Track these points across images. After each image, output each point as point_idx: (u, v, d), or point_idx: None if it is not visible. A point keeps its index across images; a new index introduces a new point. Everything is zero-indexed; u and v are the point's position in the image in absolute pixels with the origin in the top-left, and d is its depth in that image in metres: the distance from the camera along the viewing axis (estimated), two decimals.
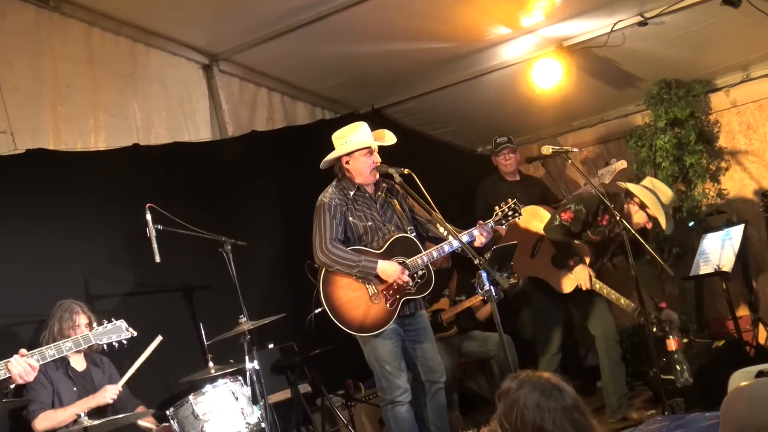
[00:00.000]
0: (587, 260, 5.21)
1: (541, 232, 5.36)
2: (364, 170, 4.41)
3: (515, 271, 5.34)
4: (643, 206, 5.14)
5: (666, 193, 5.16)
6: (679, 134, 6.78)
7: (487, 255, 4.23)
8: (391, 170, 4.30)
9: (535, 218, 5.49)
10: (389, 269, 4.26)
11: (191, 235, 4.62)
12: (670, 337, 4.78)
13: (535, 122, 7.56)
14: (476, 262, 3.74)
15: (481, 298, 5.84)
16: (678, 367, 4.72)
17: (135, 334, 3.82)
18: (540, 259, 5.46)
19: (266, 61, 6.04)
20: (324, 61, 6.08)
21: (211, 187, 5.57)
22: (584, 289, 5.14)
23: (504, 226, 4.57)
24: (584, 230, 5.26)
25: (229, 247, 4.79)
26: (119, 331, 3.74)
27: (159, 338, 4.43)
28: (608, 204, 4.88)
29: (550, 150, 5.02)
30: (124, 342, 3.79)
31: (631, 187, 5.17)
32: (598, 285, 5.15)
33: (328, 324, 4.31)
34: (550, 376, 2.16)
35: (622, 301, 5.10)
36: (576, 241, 5.26)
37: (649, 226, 5.28)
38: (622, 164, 6.31)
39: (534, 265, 5.47)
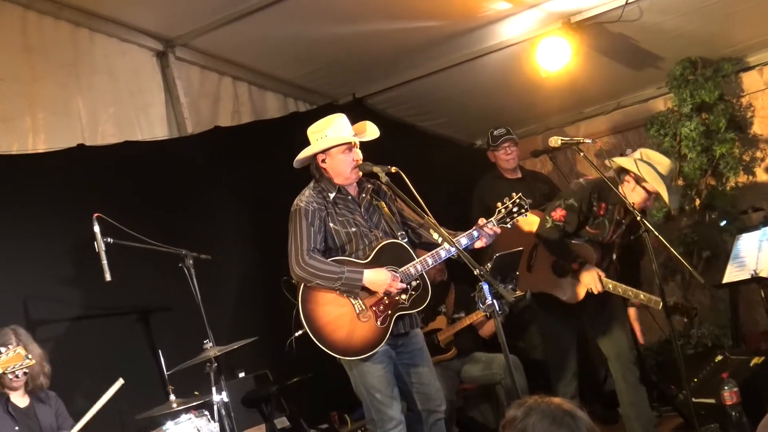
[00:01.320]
0: (593, 260, 5.27)
1: (534, 241, 5.43)
2: (343, 169, 4.45)
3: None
4: (639, 180, 5.18)
5: (662, 162, 5.20)
6: (707, 120, 6.86)
7: (489, 264, 4.27)
8: (376, 169, 4.34)
9: (526, 225, 5.53)
10: (378, 278, 4.29)
11: (147, 248, 4.65)
12: (726, 388, 4.79)
13: (540, 110, 7.66)
14: (476, 272, 3.78)
15: (483, 314, 5.90)
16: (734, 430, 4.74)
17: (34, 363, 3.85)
18: (539, 270, 5.52)
19: (230, 46, 6.08)
20: (297, 44, 6.13)
21: (169, 193, 5.59)
22: (596, 292, 5.20)
23: (509, 225, 4.62)
24: (581, 227, 5.33)
25: (191, 262, 4.82)
26: (18, 359, 3.77)
27: (120, 382, 4.42)
28: (612, 186, 4.96)
29: (559, 142, 5.08)
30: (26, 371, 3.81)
31: (621, 161, 5.22)
32: (611, 285, 5.20)
33: (308, 347, 4.34)
34: (562, 401, 2.15)
35: (642, 296, 5.12)
36: (575, 241, 5.33)
37: (650, 203, 5.33)
38: None
39: (534, 279, 5.52)
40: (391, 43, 6.27)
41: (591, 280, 5.19)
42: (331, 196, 4.47)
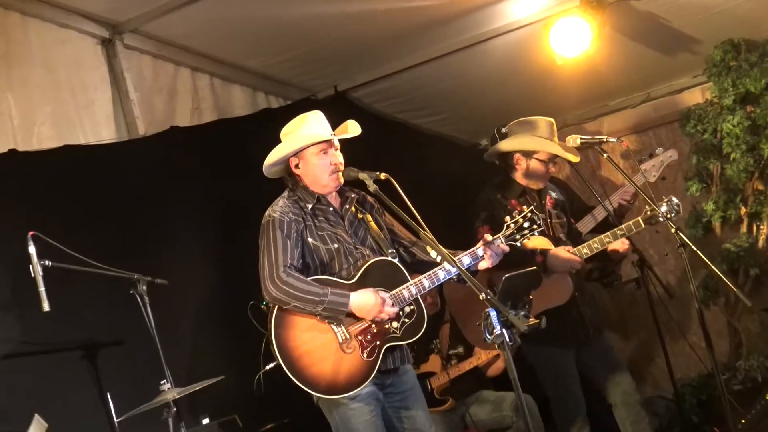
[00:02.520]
0: (549, 244, 5.48)
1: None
2: (319, 174, 4.52)
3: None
4: (528, 155, 5.61)
5: (532, 121, 5.64)
6: (752, 114, 6.89)
7: (497, 288, 4.29)
8: (362, 175, 4.40)
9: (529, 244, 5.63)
10: (366, 302, 4.32)
11: (92, 272, 4.65)
12: None
13: (555, 104, 7.69)
14: (482, 297, 3.80)
15: (490, 354, 5.94)
16: None
17: None
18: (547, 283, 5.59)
19: (188, 31, 6.09)
20: (268, 28, 6.16)
21: (119, 206, 5.59)
22: (579, 266, 5.41)
23: (519, 244, 4.67)
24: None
25: (145, 288, 4.83)
26: None
27: (39, 424, 4.42)
28: (644, 194, 5.14)
29: (578, 141, 5.14)
30: None
31: (501, 146, 5.65)
32: (585, 248, 5.43)
33: (283, 385, 4.33)
34: None
35: (622, 228, 5.34)
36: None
37: (553, 169, 5.69)
38: (672, 155, 6.40)
39: (546, 287, 5.57)
40: (380, 26, 6.31)
41: (565, 260, 5.32)
42: (309, 206, 4.53)
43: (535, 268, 4.44)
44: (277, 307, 4.32)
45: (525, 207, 4.68)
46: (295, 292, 4.25)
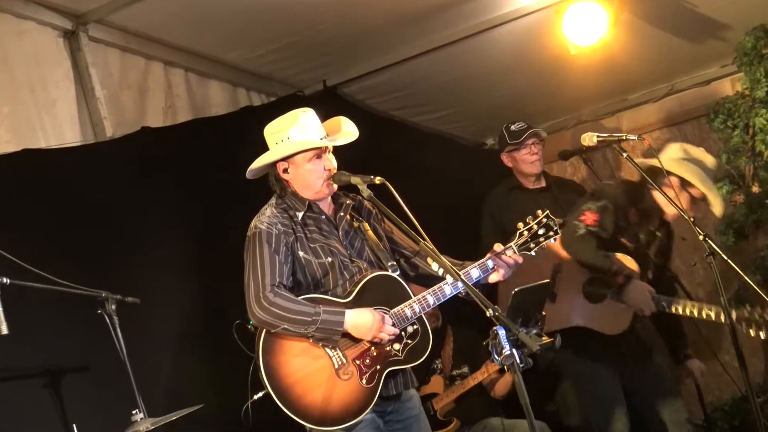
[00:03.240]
0: (637, 274, 5.44)
1: (553, 261, 5.52)
2: (312, 181, 4.54)
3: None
4: (686, 185, 5.34)
5: (706, 158, 5.42)
6: None
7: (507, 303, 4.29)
8: (356, 180, 4.39)
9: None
10: (364, 321, 4.31)
11: (56, 290, 4.64)
12: None
13: (570, 99, 7.74)
14: (490, 313, 3.80)
15: (496, 367, 5.92)
16: None
17: None
18: (566, 300, 5.63)
19: (160, 21, 6.08)
20: (248, 16, 6.15)
21: (84, 216, 5.57)
22: (648, 313, 5.33)
23: (533, 253, 4.69)
24: (617, 234, 5.48)
25: (114, 307, 4.82)
26: None
27: None
28: (654, 184, 5.16)
29: (595, 139, 5.14)
30: None
31: (663, 162, 5.34)
32: (666, 302, 5.37)
33: (274, 416, 4.33)
34: None
35: (710, 311, 5.28)
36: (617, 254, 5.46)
37: (693, 213, 5.47)
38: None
39: (560, 313, 5.63)
40: (374, 12, 6.32)
41: (641, 298, 5.30)
42: (300, 215, 4.54)
43: (547, 281, 4.46)
44: (265, 330, 4.32)
45: (540, 211, 4.69)
46: (283, 314, 4.24)
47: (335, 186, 4.54)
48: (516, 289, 4.22)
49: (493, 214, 6.68)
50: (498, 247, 4.61)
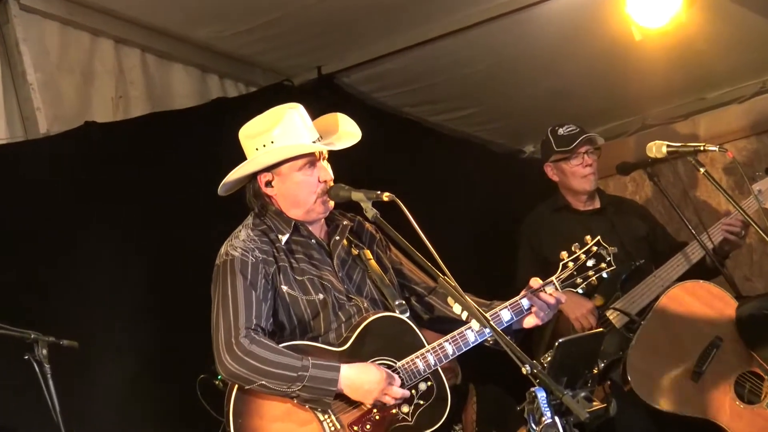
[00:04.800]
0: None
1: (720, 329, 5.55)
2: (303, 197, 4.50)
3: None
4: None
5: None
6: None
7: (547, 355, 4.27)
8: (357, 195, 4.34)
9: (695, 300, 5.70)
10: (364, 379, 4.26)
11: None
12: None
13: (633, 96, 7.74)
14: (526, 370, 3.77)
15: None
16: None
17: None
18: (712, 384, 5.62)
19: None
20: None
21: (9, 233, 5.59)
22: None
23: (579, 290, 4.67)
24: None
25: (45, 351, 4.81)
26: None
27: None
28: (744, 212, 5.19)
29: (665, 149, 5.14)
30: None
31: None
32: None
33: None
34: None
35: None
36: None
37: None
38: None
39: (700, 397, 5.60)
40: None
41: None
42: (283, 239, 4.51)
43: (602, 330, 4.45)
44: (237, 386, 4.27)
45: (590, 237, 4.67)
46: (261, 366, 4.18)
47: (331, 203, 4.52)
48: (560, 340, 4.20)
49: (532, 241, 6.66)
50: (535, 282, 4.56)
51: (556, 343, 4.11)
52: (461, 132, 8.45)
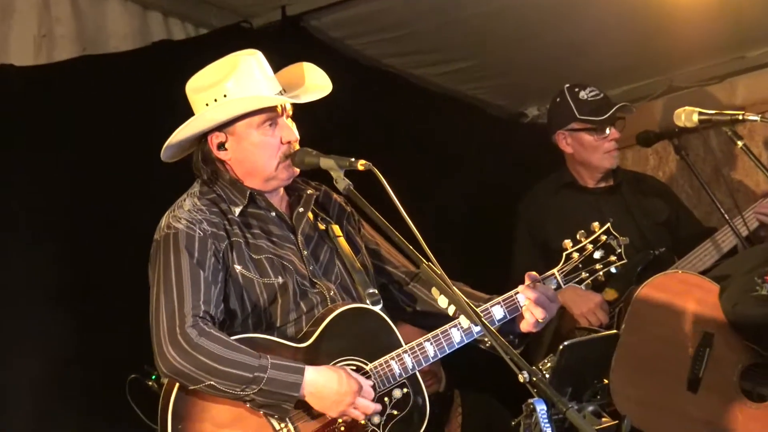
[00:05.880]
0: None
1: (707, 324, 5.55)
2: (263, 161, 4.45)
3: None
4: None
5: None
6: None
7: (548, 361, 4.27)
8: (328, 163, 4.30)
9: (686, 294, 5.68)
10: (332, 389, 4.21)
11: None
12: None
13: (659, 52, 7.73)
14: (523, 378, 3.76)
15: None
16: None
17: None
18: (714, 389, 5.62)
19: None
20: None
21: None
22: None
23: (583, 286, 4.66)
24: None
25: None
26: None
27: None
28: None
29: (696, 117, 5.13)
30: None
31: None
32: None
33: None
34: None
35: None
36: None
37: None
38: None
39: (704, 409, 5.61)
40: None
41: None
42: (237, 210, 4.47)
43: (615, 332, 4.43)
44: (178, 386, 4.22)
45: (598, 224, 4.66)
46: (211, 363, 4.11)
47: (296, 170, 4.47)
48: (566, 343, 4.20)
49: (531, 223, 6.68)
50: (531, 275, 4.53)
51: (561, 347, 4.11)
52: (452, 90, 8.42)
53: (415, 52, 7.80)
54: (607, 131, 6.55)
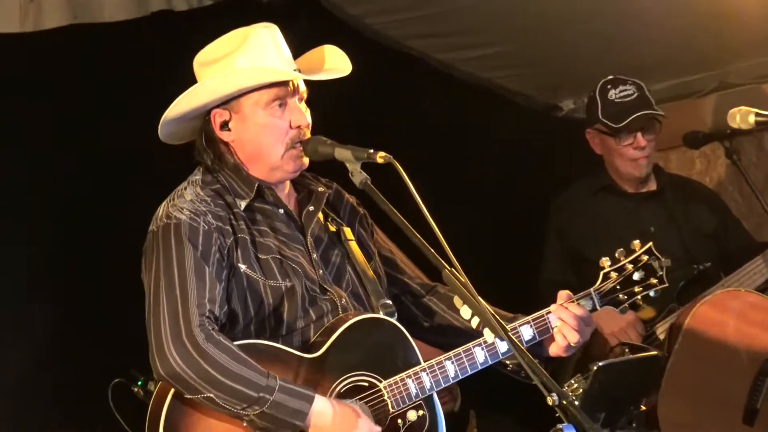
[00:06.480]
0: None
1: (761, 349, 5.55)
2: (268, 145, 4.40)
3: None
4: None
5: None
6: None
7: (575, 382, 4.25)
8: (342, 153, 4.26)
9: (730, 316, 5.68)
10: (338, 427, 4.17)
11: None
12: None
13: (713, 44, 7.69)
14: (552, 400, 3.71)
15: None
16: None
17: None
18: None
19: None
20: None
21: None
22: None
23: (618, 310, 4.62)
24: None
25: None
26: None
27: None
28: None
29: (752, 120, 5.11)
30: None
31: None
32: None
33: None
34: None
35: None
36: None
37: None
38: None
39: None
40: None
41: None
42: (243, 204, 4.43)
43: (655, 354, 4.40)
44: (173, 392, 4.16)
45: (639, 242, 4.64)
46: (216, 375, 4.04)
47: (305, 162, 4.42)
48: (600, 364, 4.17)
49: (563, 227, 6.66)
50: (563, 297, 4.49)
51: (594, 367, 4.08)
52: (479, 77, 8.39)
53: (440, 34, 7.79)
54: (633, 137, 6.51)
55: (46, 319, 5.89)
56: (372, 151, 4.19)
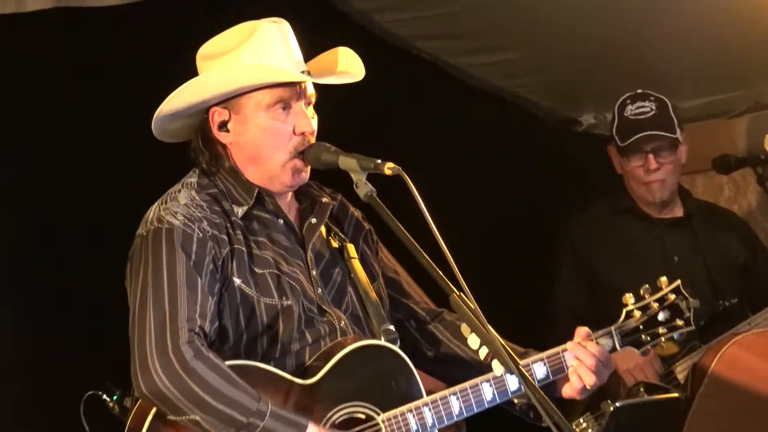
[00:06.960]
0: None
1: None
2: (267, 152, 4.40)
3: None
4: None
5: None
6: None
7: (583, 421, 4.25)
8: (347, 162, 4.24)
9: (761, 358, 5.67)
10: None
11: None
12: None
13: (746, 61, 7.69)
14: None
15: None
16: None
17: None
18: None
19: None
20: None
21: None
22: None
23: (641, 351, 4.63)
24: None
25: None
26: None
27: None
28: None
29: None
30: None
31: None
32: None
33: None
34: None
35: None
36: None
37: None
38: None
39: None
40: None
41: None
42: (240, 212, 4.42)
43: (677, 396, 4.39)
44: (153, 412, 4.15)
45: (666, 279, 4.64)
46: (203, 396, 4.02)
47: (306, 175, 4.43)
48: (617, 405, 4.17)
49: (579, 250, 6.65)
50: (581, 334, 4.49)
51: (611, 408, 4.08)
52: (493, 84, 8.38)
53: (453, 35, 7.79)
54: (645, 158, 6.53)
55: (17, 324, 5.90)
56: (380, 161, 4.17)
